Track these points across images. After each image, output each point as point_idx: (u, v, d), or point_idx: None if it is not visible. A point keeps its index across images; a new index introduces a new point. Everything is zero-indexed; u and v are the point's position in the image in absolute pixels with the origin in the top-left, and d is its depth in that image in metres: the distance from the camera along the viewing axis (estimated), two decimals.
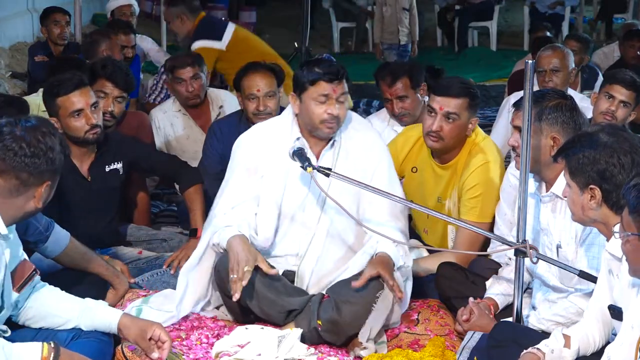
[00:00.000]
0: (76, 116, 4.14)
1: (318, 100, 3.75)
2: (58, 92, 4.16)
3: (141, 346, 3.22)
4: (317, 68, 3.78)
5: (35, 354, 2.87)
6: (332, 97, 3.75)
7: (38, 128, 2.93)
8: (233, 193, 3.88)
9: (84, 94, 4.16)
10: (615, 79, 4.81)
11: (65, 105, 4.14)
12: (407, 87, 5.04)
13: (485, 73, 11.25)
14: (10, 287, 3.04)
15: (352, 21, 13.31)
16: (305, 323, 3.66)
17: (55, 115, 4.17)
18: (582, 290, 3.49)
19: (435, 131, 4.22)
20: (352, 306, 3.61)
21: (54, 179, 2.99)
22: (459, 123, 4.22)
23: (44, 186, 2.95)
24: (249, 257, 3.59)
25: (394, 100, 5.06)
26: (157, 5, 11.98)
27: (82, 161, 4.28)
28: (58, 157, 2.95)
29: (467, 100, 4.22)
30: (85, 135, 4.18)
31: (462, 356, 3.48)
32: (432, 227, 4.49)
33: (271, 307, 3.70)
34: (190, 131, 5.66)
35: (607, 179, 3.02)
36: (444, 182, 4.38)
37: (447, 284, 4.02)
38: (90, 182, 4.29)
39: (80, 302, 3.26)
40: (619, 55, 8.20)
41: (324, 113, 3.75)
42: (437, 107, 4.21)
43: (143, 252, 4.49)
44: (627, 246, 2.74)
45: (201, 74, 5.61)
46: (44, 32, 7.50)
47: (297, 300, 3.72)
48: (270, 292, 3.68)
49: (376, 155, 3.94)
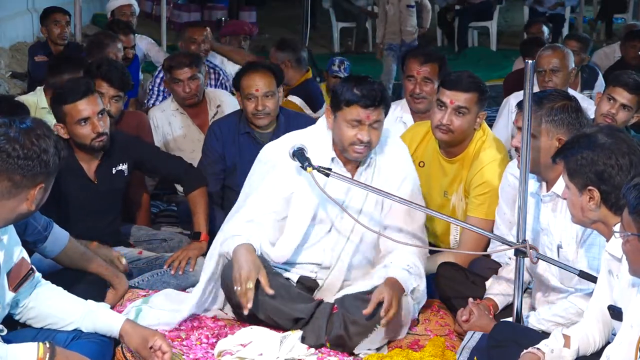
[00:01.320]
0: (83, 124, 4.15)
1: (350, 124, 3.70)
2: (65, 99, 4.16)
3: (141, 354, 3.23)
4: (356, 89, 3.68)
5: (31, 355, 2.87)
6: (365, 123, 3.69)
7: (33, 130, 2.90)
8: (251, 207, 3.84)
9: (91, 102, 4.16)
10: (618, 81, 4.78)
11: (72, 113, 4.15)
12: (434, 72, 4.98)
13: (485, 73, 11.20)
14: (5, 287, 3.04)
15: (352, 21, 13.31)
16: (313, 337, 3.65)
17: (62, 121, 4.18)
18: (582, 290, 3.49)
19: (446, 124, 4.23)
20: (359, 327, 3.60)
21: (47, 182, 2.96)
22: (468, 117, 4.24)
23: (37, 189, 2.92)
24: (251, 270, 3.57)
25: (419, 80, 4.97)
26: (157, 5, 11.99)
27: (89, 164, 4.29)
28: (52, 159, 2.91)
29: (477, 94, 4.24)
30: (92, 143, 4.19)
31: (462, 356, 3.49)
32: (435, 224, 4.49)
33: (278, 314, 3.69)
34: (188, 130, 5.65)
35: (605, 180, 3.02)
36: (450, 176, 4.40)
37: (447, 284, 4.02)
38: (97, 185, 4.31)
39: (83, 305, 3.26)
40: (620, 56, 8.20)
41: (354, 137, 3.70)
42: (448, 101, 4.22)
43: (143, 252, 4.49)
44: (627, 246, 2.74)
45: (199, 74, 5.60)
46: (44, 32, 7.50)
47: (303, 308, 3.71)
48: (276, 300, 3.67)
49: (404, 171, 3.92)
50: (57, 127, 4.18)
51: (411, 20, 9.65)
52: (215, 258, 3.83)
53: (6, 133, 2.86)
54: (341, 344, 3.63)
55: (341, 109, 3.71)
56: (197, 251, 4.30)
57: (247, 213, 3.84)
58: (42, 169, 2.89)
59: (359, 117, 3.68)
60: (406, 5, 9.60)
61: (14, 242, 3.09)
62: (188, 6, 13.76)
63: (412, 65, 5.04)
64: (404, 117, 5.09)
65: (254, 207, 3.84)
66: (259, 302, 3.65)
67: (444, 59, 5.14)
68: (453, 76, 4.32)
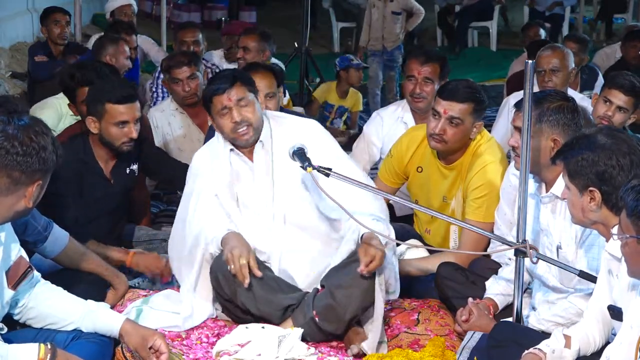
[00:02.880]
0: (120, 126, 4.19)
1: (221, 114, 3.81)
2: (110, 98, 4.19)
3: (140, 354, 3.23)
4: (211, 85, 3.87)
5: (32, 355, 2.87)
6: (231, 106, 3.79)
7: (31, 127, 2.91)
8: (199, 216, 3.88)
9: (133, 108, 4.23)
10: (614, 83, 4.76)
11: (113, 112, 4.19)
12: (435, 73, 4.97)
13: (485, 73, 11.26)
14: (4, 285, 3.04)
15: (352, 21, 13.30)
16: (301, 316, 3.67)
17: (97, 116, 4.21)
18: (581, 290, 3.49)
19: (439, 134, 4.22)
20: (345, 290, 3.62)
21: (45, 179, 2.97)
22: (462, 127, 4.22)
23: (35, 185, 2.92)
24: (242, 250, 3.62)
25: (420, 80, 4.96)
26: (157, 5, 11.99)
27: (107, 163, 4.33)
28: (50, 156, 2.92)
29: (472, 105, 4.21)
30: (120, 146, 4.23)
31: (462, 356, 3.49)
32: (434, 227, 4.50)
33: (267, 305, 3.70)
34: (188, 130, 5.65)
35: (606, 180, 3.02)
36: (449, 182, 4.39)
37: (447, 284, 4.02)
38: (113, 185, 4.34)
39: (83, 305, 3.26)
40: (621, 56, 8.20)
41: (230, 123, 3.80)
42: (442, 111, 4.21)
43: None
44: (626, 249, 2.73)
45: (198, 73, 5.60)
46: (44, 32, 7.50)
47: (292, 296, 3.74)
48: (264, 290, 3.69)
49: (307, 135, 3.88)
50: (90, 120, 4.21)
51: (395, 28, 9.18)
52: (196, 267, 3.83)
53: (4, 130, 2.87)
54: (333, 318, 3.64)
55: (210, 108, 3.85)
56: None
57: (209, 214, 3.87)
58: (40, 165, 2.90)
59: (222, 104, 3.79)
60: (391, 11, 9.21)
61: (11, 240, 3.09)
62: (188, 6, 13.77)
63: (413, 65, 5.03)
64: (405, 117, 5.09)
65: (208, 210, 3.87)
66: (249, 295, 3.67)
67: (444, 59, 5.13)
68: (450, 85, 4.30)
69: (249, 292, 3.68)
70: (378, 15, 9.19)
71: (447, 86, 4.33)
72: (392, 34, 9.16)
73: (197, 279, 3.84)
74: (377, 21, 9.18)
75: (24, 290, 3.16)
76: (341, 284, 3.64)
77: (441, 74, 4.98)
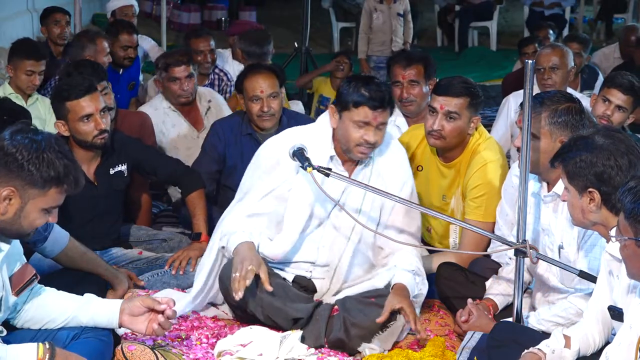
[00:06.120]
0: (85, 121, 4.16)
1: (357, 125, 3.70)
2: (68, 96, 4.16)
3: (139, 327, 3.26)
4: (364, 90, 3.68)
5: (31, 355, 2.87)
6: (372, 125, 3.69)
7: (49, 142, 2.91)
8: (252, 203, 3.84)
9: (94, 99, 4.17)
10: (613, 82, 4.76)
11: (75, 109, 4.16)
12: (420, 74, 4.97)
13: (485, 73, 11.26)
14: (9, 290, 3.04)
15: (352, 21, 13.30)
16: (312, 338, 3.64)
17: (63, 118, 4.19)
18: (581, 290, 3.49)
19: (437, 130, 4.23)
20: (361, 330, 3.61)
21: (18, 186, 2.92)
22: (459, 122, 4.23)
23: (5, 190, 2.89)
24: (253, 260, 3.59)
25: (405, 84, 4.96)
26: (157, 5, 11.99)
27: (89, 165, 4.29)
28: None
29: (468, 99, 4.23)
30: (93, 140, 4.20)
31: (462, 356, 3.49)
32: (435, 226, 4.50)
33: (276, 314, 3.68)
34: (181, 128, 5.63)
35: (605, 181, 3.02)
36: (448, 180, 4.40)
37: (447, 284, 4.02)
38: (97, 186, 4.30)
39: (77, 298, 3.26)
40: (619, 56, 8.19)
41: (360, 138, 3.70)
42: (438, 106, 4.23)
43: (143, 252, 4.49)
44: (625, 251, 2.73)
45: (194, 72, 5.60)
46: (44, 31, 7.50)
47: (302, 308, 3.70)
48: (275, 299, 3.67)
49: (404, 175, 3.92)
50: (58, 124, 4.19)
51: (400, 30, 9.09)
52: (215, 252, 3.83)
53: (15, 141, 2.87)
54: (340, 347, 3.63)
55: (348, 110, 3.70)
56: (197, 252, 4.29)
57: (247, 208, 3.84)
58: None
59: (367, 119, 3.68)
60: (396, 13, 9.13)
61: (17, 247, 3.09)
62: (188, 6, 13.75)
63: (397, 70, 5.03)
64: (397, 120, 5.09)
65: (254, 203, 3.84)
66: (258, 301, 3.66)
67: (427, 58, 5.11)
68: (444, 81, 4.32)
69: (258, 299, 3.65)
70: (384, 19, 9.08)
71: (441, 82, 4.34)
72: (399, 36, 9.10)
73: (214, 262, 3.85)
74: (384, 24, 9.07)
75: (24, 296, 3.16)
76: (358, 323, 3.60)
77: (426, 73, 4.98)
